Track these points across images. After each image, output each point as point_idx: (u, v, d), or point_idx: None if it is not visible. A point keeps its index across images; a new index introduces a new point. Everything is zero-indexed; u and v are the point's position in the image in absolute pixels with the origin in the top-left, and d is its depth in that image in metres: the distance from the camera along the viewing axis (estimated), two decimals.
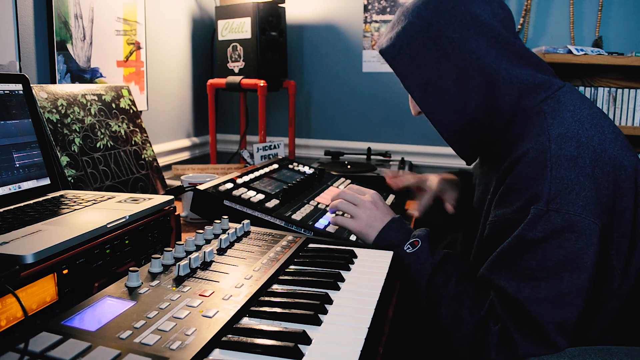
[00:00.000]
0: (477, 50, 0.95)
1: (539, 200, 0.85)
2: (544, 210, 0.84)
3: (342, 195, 1.12)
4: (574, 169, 0.85)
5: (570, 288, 0.83)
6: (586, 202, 0.84)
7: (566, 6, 2.12)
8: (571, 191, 0.84)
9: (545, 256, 0.84)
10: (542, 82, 0.97)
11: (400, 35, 1.01)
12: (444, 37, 0.96)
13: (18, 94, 1.07)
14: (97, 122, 1.37)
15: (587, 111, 0.94)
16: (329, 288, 0.79)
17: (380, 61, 2.37)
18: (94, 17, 1.72)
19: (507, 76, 0.95)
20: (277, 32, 2.25)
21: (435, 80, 0.98)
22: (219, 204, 1.20)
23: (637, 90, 2.02)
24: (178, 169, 1.91)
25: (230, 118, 2.68)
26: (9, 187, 0.98)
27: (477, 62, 0.95)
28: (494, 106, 0.96)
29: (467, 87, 0.96)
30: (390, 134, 2.42)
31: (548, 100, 0.95)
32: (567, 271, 0.83)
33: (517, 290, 0.85)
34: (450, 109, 0.99)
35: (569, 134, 0.89)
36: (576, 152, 0.87)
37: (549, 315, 0.82)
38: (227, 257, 0.86)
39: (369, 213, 1.08)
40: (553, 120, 0.92)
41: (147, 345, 0.56)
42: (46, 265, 0.69)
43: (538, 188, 0.86)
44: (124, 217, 0.86)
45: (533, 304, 0.83)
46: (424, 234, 1.02)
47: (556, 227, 0.83)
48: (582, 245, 0.83)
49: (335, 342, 0.63)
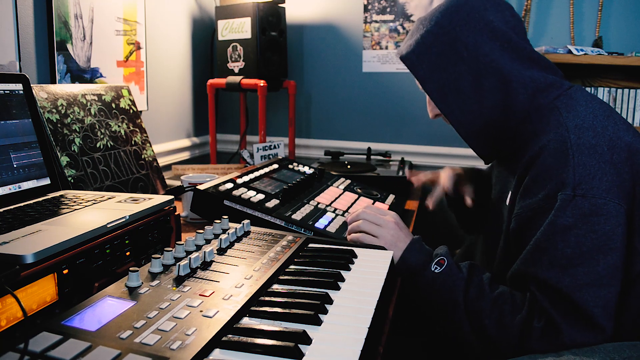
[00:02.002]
0: (491, 53, 1.01)
1: (566, 187, 0.88)
2: (571, 195, 0.88)
3: (364, 216, 1.11)
4: (594, 156, 0.90)
5: (607, 269, 0.85)
6: (609, 186, 0.88)
7: (566, 6, 2.12)
8: (594, 176, 0.88)
9: (579, 242, 0.86)
10: (554, 82, 1.03)
11: (419, 42, 1.07)
12: (459, 42, 1.03)
13: (18, 94, 1.07)
14: (97, 122, 1.36)
15: (598, 105, 0.99)
16: (329, 288, 0.79)
17: (380, 61, 2.39)
18: (94, 17, 1.72)
19: (520, 77, 1.01)
20: (277, 32, 2.25)
21: (452, 83, 1.04)
22: (219, 204, 1.20)
23: (637, 90, 2.02)
24: (178, 169, 1.91)
25: (230, 118, 2.68)
26: (9, 187, 0.98)
27: (491, 65, 1.01)
28: (509, 105, 1.02)
29: (482, 88, 1.02)
30: (390, 134, 2.42)
31: (560, 98, 1.01)
32: (601, 253, 0.86)
33: (558, 281, 0.86)
34: (467, 110, 1.04)
35: (585, 124, 0.94)
36: (594, 140, 0.91)
37: (593, 300, 0.84)
38: (227, 257, 0.86)
39: (393, 233, 1.07)
40: (568, 114, 0.96)
41: (147, 345, 0.56)
42: (46, 265, 0.69)
43: (563, 175, 0.89)
44: (124, 217, 0.86)
45: (576, 291, 0.85)
46: (444, 251, 1.03)
47: (584, 211, 0.87)
48: (611, 226, 0.86)
49: (335, 342, 0.63)
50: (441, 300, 0.97)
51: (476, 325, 0.93)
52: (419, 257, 1.02)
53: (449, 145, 2.31)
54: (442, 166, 2.32)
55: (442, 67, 1.05)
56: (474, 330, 0.93)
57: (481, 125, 1.05)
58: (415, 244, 1.05)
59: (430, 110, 1.16)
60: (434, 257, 1.02)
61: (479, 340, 0.93)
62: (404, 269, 1.02)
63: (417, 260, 1.02)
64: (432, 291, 0.98)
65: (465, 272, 0.98)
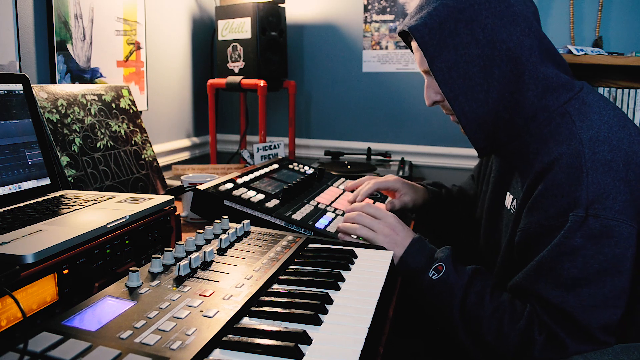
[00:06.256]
0: (509, 40, 0.94)
1: (578, 207, 0.85)
2: (583, 216, 0.84)
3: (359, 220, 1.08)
4: (610, 173, 0.85)
5: (613, 291, 0.84)
6: (623, 207, 0.84)
7: (566, 6, 2.12)
8: (608, 196, 0.84)
9: (587, 263, 0.84)
10: (566, 82, 0.97)
11: (432, 15, 0.98)
12: (477, 22, 0.95)
13: (18, 93, 1.07)
14: (97, 122, 1.36)
15: (612, 112, 0.94)
16: (329, 288, 0.79)
17: (380, 61, 2.38)
18: (94, 17, 1.72)
19: (534, 70, 0.95)
20: (277, 32, 2.25)
21: (462, 65, 0.96)
22: (219, 204, 1.20)
23: (637, 90, 2.02)
24: (178, 169, 1.90)
25: (230, 118, 2.68)
26: (9, 187, 0.98)
27: (507, 53, 0.94)
28: (517, 100, 0.96)
29: (492, 75, 0.95)
30: (390, 134, 2.42)
31: (572, 102, 0.95)
32: (608, 275, 0.83)
33: (562, 301, 0.85)
34: (472, 97, 0.97)
35: (601, 137, 0.89)
36: (610, 155, 0.87)
37: (597, 321, 0.83)
38: (227, 257, 0.86)
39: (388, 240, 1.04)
40: (582, 124, 0.91)
41: (147, 345, 0.56)
42: (46, 265, 0.69)
43: (576, 194, 0.85)
44: (124, 217, 0.86)
45: (580, 312, 0.83)
46: (446, 255, 0.99)
47: (595, 232, 0.84)
48: (621, 249, 0.83)
49: (335, 342, 0.63)
50: (438, 305, 0.96)
51: (473, 332, 0.92)
52: (419, 260, 1.01)
53: (449, 146, 2.31)
54: (442, 166, 2.33)
55: (453, 46, 0.96)
56: (471, 336, 0.92)
57: (484, 116, 0.98)
58: (415, 245, 1.03)
59: (428, 96, 1.08)
60: (433, 261, 0.99)
61: (475, 346, 0.92)
62: (403, 270, 1.02)
63: (417, 263, 1.00)
64: (429, 296, 0.98)
65: (465, 278, 0.95)
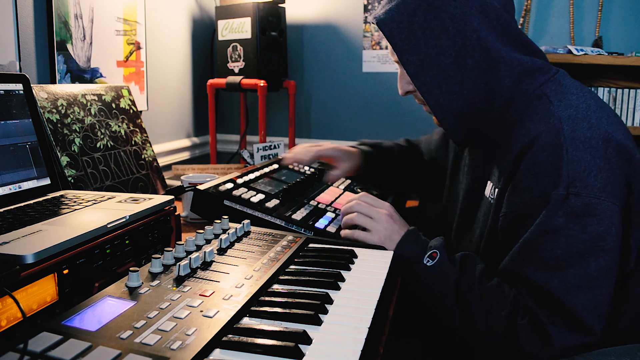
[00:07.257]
0: (479, 29, 0.93)
1: (559, 185, 0.84)
2: (564, 195, 0.83)
3: (357, 208, 1.09)
4: (589, 151, 0.85)
5: (599, 271, 0.82)
6: (604, 184, 0.83)
7: (566, 6, 2.12)
8: (589, 173, 0.83)
9: (570, 243, 0.83)
10: (541, 66, 0.97)
11: (400, 7, 0.97)
12: (446, 12, 0.93)
13: (18, 93, 1.07)
14: (97, 122, 1.36)
15: (589, 94, 0.94)
16: (329, 288, 0.79)
17: (380, 61, 2.39)
18: (94, 17, 1.72)
19: (507, 58, 0.94)
20: (277, 32, 2.25)
21: (433, 57, 0.95)
22: (219, 204, 1.20)
23: (637, 90, 2.02)
24: (178, 169, 1.90)
25: (230, 118, 2.68)
26: (9, 187, 0.98)
27: (478, 42, 0.93)
28: (492, 88, 0.95)
29: (465, 66, 0.94)
30: (390, 134, 2.42)
31: (548, 84, 0.95)
32: (592, 255, 0.82)
33: (546, 282, 0.83)
34: (447, 89, 0.96)
35: (579, 115, 0.88)
36: (589, 133, 0.86)
37: (582, 302, 0.82)
38: (227, 257, 0.86)
39: (387, 226, 1.05)
40: (560, 103, 0.91)
41: (147, 345, 0.56)
42: (46, 265, 0.69)
43: (556, 172, 0.84)
44: (124, 217, 0.86)
45: (564, 293, 0.82)
46: (439, 243, 1.00)
47: (576, 211, 0.83)
48: (605, 227, 0.82)
49: (335, 342, 0.63)
50: (433, 293, 0.96)
51: (466, 319, 0.92)
52: (413, 249, 1.00)
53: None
54: None
55: (423, 38, 0.95)
56: (464, 323, 0.92)
57: (460, 108, 0.97)
58: (409, 235, 1.03)
59: (401, 86, 1.07)
60: (427, 249, 0.99)
61: (470, 334, 0.92)
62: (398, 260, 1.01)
63: (411, 252, 1.00)
64: (424, 284, 0.97)
65: (457, 265, 0.95)
